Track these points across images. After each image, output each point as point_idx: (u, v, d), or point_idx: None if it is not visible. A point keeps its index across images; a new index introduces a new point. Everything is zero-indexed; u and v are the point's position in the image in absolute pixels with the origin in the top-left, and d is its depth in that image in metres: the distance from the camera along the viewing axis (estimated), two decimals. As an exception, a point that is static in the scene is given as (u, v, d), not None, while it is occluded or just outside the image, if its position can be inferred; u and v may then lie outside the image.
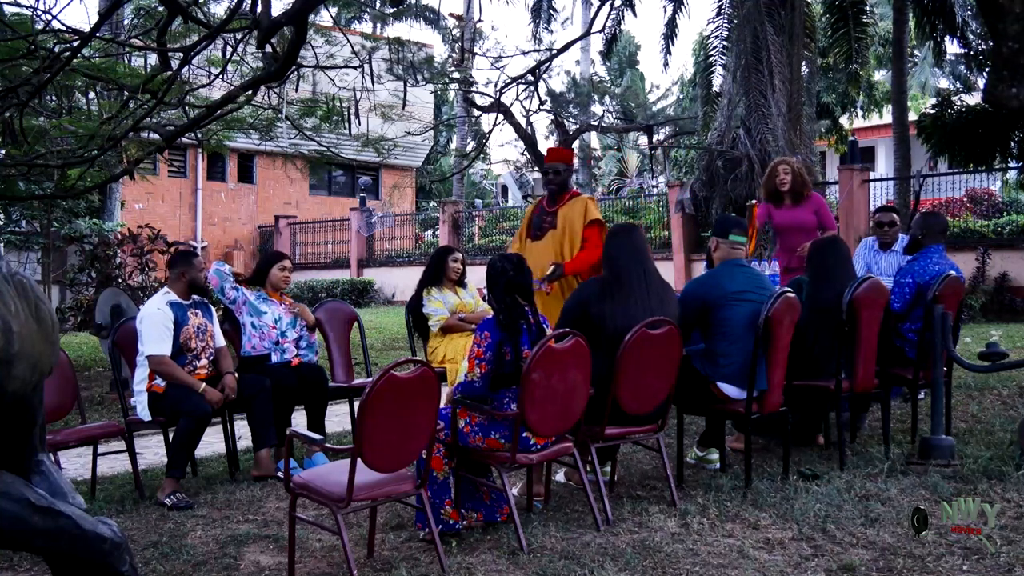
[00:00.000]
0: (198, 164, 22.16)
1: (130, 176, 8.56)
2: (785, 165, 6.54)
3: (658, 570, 3.44)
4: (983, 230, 12.73)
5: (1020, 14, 6.02)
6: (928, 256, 5.41)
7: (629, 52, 36.22)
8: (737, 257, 4.72)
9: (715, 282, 4.64)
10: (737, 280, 4.59)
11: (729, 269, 4.66)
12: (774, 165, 6.65)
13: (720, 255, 4.76)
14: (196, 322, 5.10)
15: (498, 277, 4.03)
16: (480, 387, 3.89)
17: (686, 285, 4.96)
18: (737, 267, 4.67)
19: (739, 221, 4.91)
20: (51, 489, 2.70)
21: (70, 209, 13.01)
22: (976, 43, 16.12)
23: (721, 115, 13.55)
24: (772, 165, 6.71)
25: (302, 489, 3.51)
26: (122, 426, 5.07)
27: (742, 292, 4.54)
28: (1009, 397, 6.44)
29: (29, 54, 5.62)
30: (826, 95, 20.91)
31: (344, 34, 9.92)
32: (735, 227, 4.77)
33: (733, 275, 4.62)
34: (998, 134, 10.72)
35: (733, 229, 4.75)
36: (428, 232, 23.40)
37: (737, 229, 4.76)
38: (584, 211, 5.54)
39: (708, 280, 4.71)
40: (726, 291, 4.55)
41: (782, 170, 6.47)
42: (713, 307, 4.56)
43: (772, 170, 6.59)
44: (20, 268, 8.31)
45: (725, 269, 4.68)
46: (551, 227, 5.61)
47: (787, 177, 6.42)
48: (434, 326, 5.91)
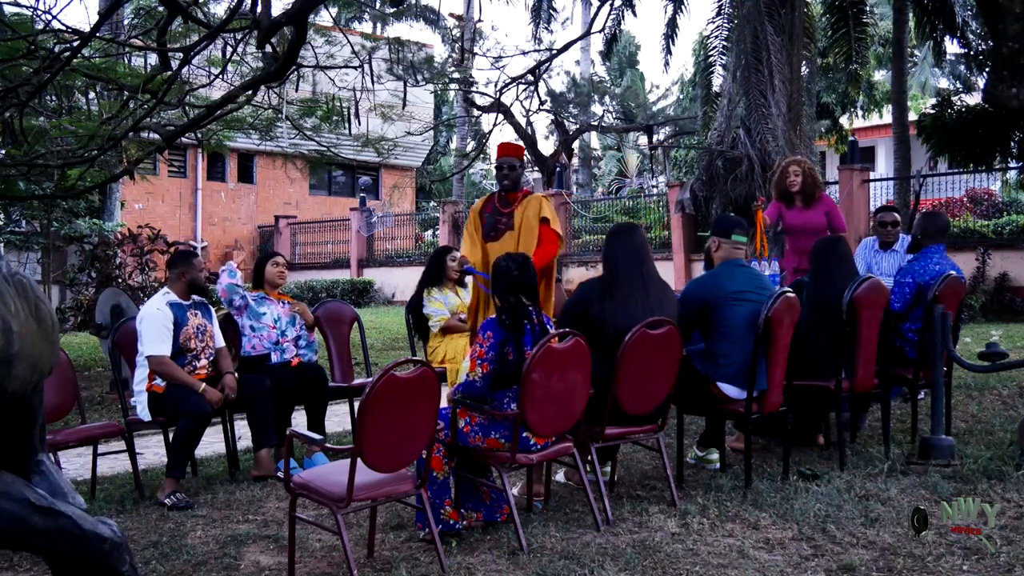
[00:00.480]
0: (198, 164, 22.16)
1: (130, 176, 8.56)
2: (795, 166, 6.44)
3: (658, 570, 3.44)
4: (983, 230, 12.74)
5: (1020, 14, 6.02)
6: (929, 256, 5.41)
7: (629, 52, 36.22)
8: (738, 257, 4.73)
9: (715, 282, 4.64)
10: (737, 280, 4.59)
11: (729, 269, 4.66)
12: (784, 166, 6.55)
13: (721, 255, 4.76)
14: (196, 322, 5.10)
15: (502, 277, 4.02)
16: (481, 387, 3.89)
17: (686, 285, 4.96)
18: (737, 267, 4.68)
19: (740, 221, 4.90)
20: (51, 489, 2.70)
21: (70, 209, 13.00)
22: (976, 43, 16.13)
23: (721, 115, 13.56)
24: (783, 165, 6.60)
25: (302, 489, 3.51)
26: (122, 426, 5.07)
27: (742, 292, 4.54)
28: (1009, 397, 6.44)
29: (29, 54, 5.62)
30: (826, 95, 20.91)
31: (344, 34, 9.93)
32: (737, 227, 4.77)
33: (733, 275, 4.62)
34: (998, 134, 10.73)
35: (735, 229, 4.75)
36: (428, 232, 23.41)
37: (739, 229, 4.76)
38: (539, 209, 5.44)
39: (708, 280, 4.71)
40: (726, 291, 4.55)
41: (792, 171, 6.39)
42: (713, 307, 4.56)
43: (783, 171, 6.50)
44: (20, 268, 8.31)
45: (725, 269, 4.68)
46: (507, 228, 5.47)
47: (797, 179, 6.36)
48: (434, 327, 5.91)
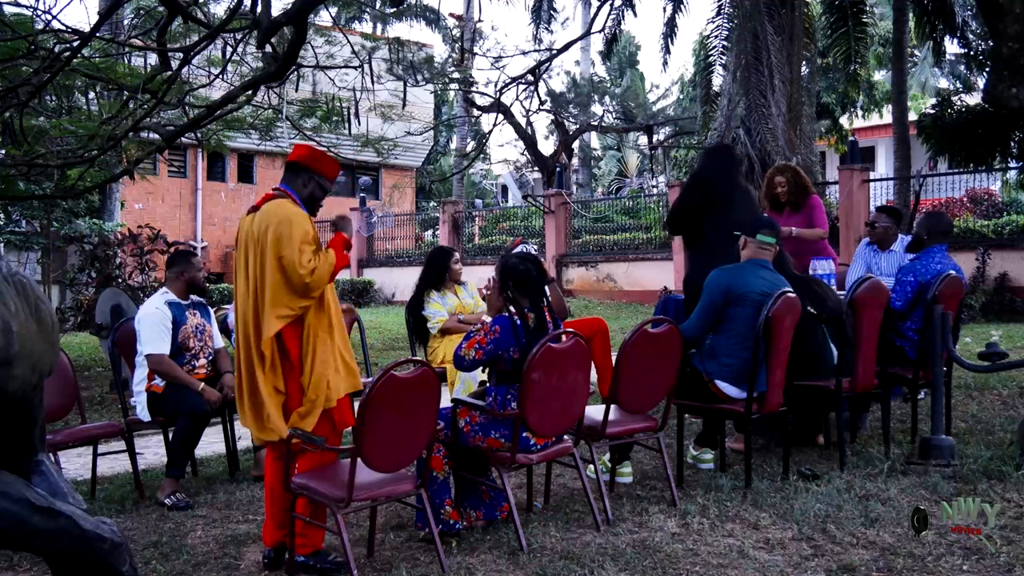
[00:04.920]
0: (198, 164, 22.16)
1: (130, 176, 8.57)
2: (780, 175, 6.40)
3: (658, 570, 3.44)
4: (983, 230, 12.74)
5: (1020, 14, 6.02)
6: (931, 255, 5.39)
7: (629, 52, 36.22)
8: (763, 258, 4.65)
9: (740, 277, 4.55)
10: (760, 282, 4.52)
11: (754, 268, 4.59)
12: (770, 175, 6.53)
13: (747, 253, 4.67)
14: (194, 322, 5.10)
15: (525, 279, 3.99)
16: (467, 364, 3.96)
17: (712, 272, 4.71)
18: (762, 267, 4.61)
19: (771, 222, 4.78)
20: (51, 489, 2.69)
21: (70, 209, 13.01)
22: (976, 43, 16.12)
23: (721, 115, 13.54)
24: (769, 175, 6.58)
25: (302, 489, 3.51)
26: (122, 426, 5.07)
27: (763, 294, 4.47)
28: (1009, 397, 6.44)
29: (29, 54, 5.62)
30: (826, 95, 20.92)
31: (344, 34, 9.93)
32: (765, 227, 4.67)
33: (757, 275, 4.56)
34: (998, 134, 10.74)
35: (762, 229, 4.66)
36: (428, 232, 23.41)
37: (767, 230, 4.66)
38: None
39: (736, 272, 4.60)
40: (748, 289, 4.49)
41: (777, 181, 6.36)
42: (731, 301, 4.50)
43: (769, 181, 6.48)
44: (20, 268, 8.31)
45: (750, 267, 4.61)
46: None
47: (782, 188, 6.36)
48: (433, 328, 5.91)
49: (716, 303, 4.52)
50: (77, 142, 7.12)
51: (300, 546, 3.59)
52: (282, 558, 3.64)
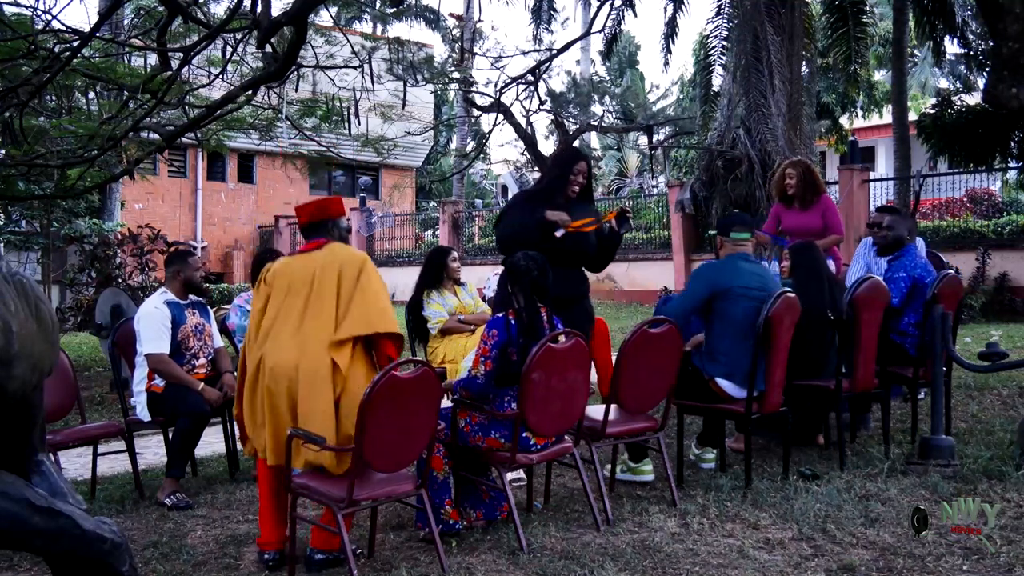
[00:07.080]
0: (198, 164, 22.15)
1: (130, 176, 8.56)
2: (792, 168, 6.47)
3: (658, 570, 3.44)
4: (983, 230, 12.74)
5: (1020, 14, 6.01)
6: (912, 252, 5.58)
7: (629, 52, 36.21)
8: (742, 252, 4.76)
9: (723, 271, 4.68)
10: (742, 275, 4.61)
11: (734, 262, 4.69)
12: (782, 168, 6.60)
13: (725, 252, 4.81)
14: (194, 321, 5.10)
15: (522, 276, 4.01)
16: (482, 384, 3.88)
17: (701, 265, 5.04)
18: (742, 260, 4.71)
19: (742, 218, 4.98)
20: (51, 489, 2.69)
21: (70, 209, 12.99)
22: (976, 43, 16.11)
23: (721, 115, 13.56)
24: (781, 167, 6.65)
25: (302, 489, 3.51)
26: (122, 426, 5.07)
27: (746, 288, 4.56)
28: (1009, 397, 6.44)
29: (29, 54, 5.61)
30: (826, 95, 20.90)
31: (344, 34, 9.91)
32: (736, 224, 4.83)
33: (738, 268, 4.65)
34: (998, 134, 10.73)
35: (735, 226, 4.80)
36: (428, 232, 23.41)
37: (739, 226, 4.81)
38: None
39: (721, 267, 4.74)
40: (731, 283, 4.58)
41: (788, 173, 6.43)
42: (717, 295, 4.59)
43: (781, 173, 6.55)
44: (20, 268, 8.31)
45: (730, 261, 4.72)
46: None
47: (792, 181, 6.39)
48: (433, 328, 5.90)
49: (698, 292, 4.68)
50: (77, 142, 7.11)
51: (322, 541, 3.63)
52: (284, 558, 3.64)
